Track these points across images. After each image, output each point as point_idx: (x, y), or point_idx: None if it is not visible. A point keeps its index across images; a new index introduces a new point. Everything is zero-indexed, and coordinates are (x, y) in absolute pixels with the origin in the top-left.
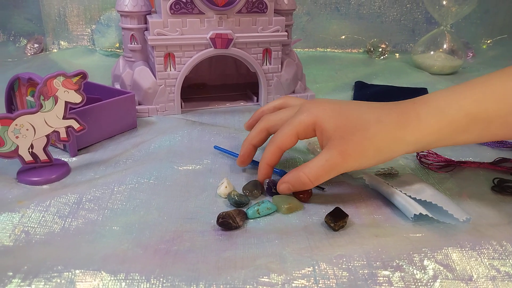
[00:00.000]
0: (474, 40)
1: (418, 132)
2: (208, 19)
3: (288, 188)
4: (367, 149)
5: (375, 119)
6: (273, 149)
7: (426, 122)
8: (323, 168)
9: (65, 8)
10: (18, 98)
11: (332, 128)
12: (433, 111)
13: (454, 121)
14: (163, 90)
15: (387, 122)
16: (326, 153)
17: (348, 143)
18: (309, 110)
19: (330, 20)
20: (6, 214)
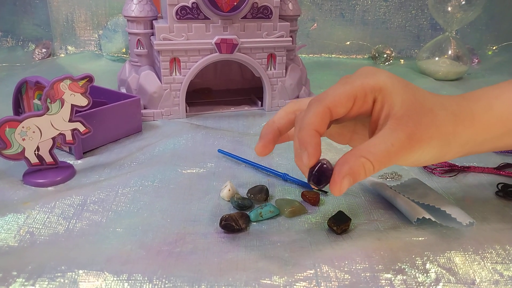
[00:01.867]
0: (479, 46)
1: (471, 130)
2: (214, 25)
3: (350, 183)
4: (434, 138)
5: (440, 104)
6: (322, 110)
7: (478, 120)
8: (389, 153)
9: (73, 13)
10: (25, 101)
11: (400, 102)
12: (483, 106)
13: (504, 119)
14: (168, 94)
15: (450, 110)
16: (391, 135)
17: (417, 126)
18: (373, 74)
19: (335, 26)
20: (12, 215)
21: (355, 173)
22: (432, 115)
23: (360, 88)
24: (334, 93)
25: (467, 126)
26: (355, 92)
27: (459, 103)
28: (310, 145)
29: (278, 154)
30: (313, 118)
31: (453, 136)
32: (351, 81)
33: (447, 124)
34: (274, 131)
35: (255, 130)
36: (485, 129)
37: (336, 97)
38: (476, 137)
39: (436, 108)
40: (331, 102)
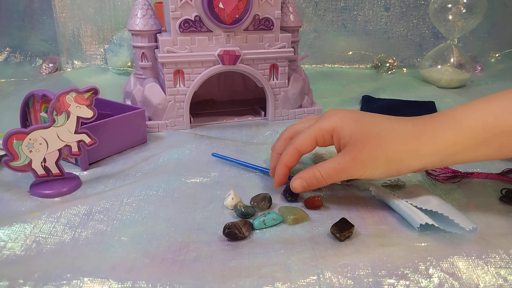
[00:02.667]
0: (482, 53)
1: (433, 144)
2: (216, 37)
3: (302, 184)
4: (379, 158)
5: (390, 128)
6: (291, 151)
7: (442, 134)
8: (335, 169)
9: (79, 29)
10: (32, 114)
11: (348, 135)
12: (450, 122)
13: (471, 133)
14: (172, 106)
15: (402, 132)
16: (340, 157)
17: (361, 150)
18: (329, 117)
19: (337, 36)
20: (19, 225)
21: (307, 178)
22: (378, 139)
23: (318, 130)
24: (301, 137)
25: (426, 143)
26: (315, 135)
27: (421, 123)
28: (278, 175)
29: None
30: (285, 157)
31: (406, 154)
32: (313, 125)
33: (395, 145)
34: (282, 167)
35: (258, 140)
36: (453, 144)
37: (301, 140)
38: (444, 150)
39: (384, 133)
40: (298, 145)
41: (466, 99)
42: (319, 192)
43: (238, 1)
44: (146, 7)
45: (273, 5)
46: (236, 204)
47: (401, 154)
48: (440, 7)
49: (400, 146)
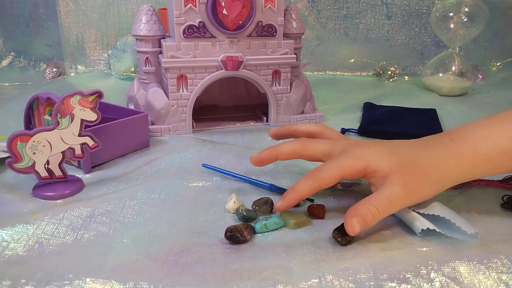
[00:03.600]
0: (483, 62)
1: (458, 171)
2: (220, 43)
3: (359, 223)
4: (425, 184)
5: (423, 157)
6: (314, 186)
7: (465, 162)
8: (389, 199)
9: (83, 34)
10: (36, 117)
11: (387, 167)
12: (470, 148)
13: (490, 158)
14: (175, 111)
15: (435, 163)
16: (389, 187)
17: (409, 178)
18: (359, 155)
19: (339, 44)
20: (22, 226)
21: (362, 215)
22: (419, 169)
23: (348, 169)
24: (327, 174)
25: (454, 169)
26: (343, 173)
27: (445, 148)
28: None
29: (283, 168)
30: (304, 190)
31: (442, 179)
32: (340, 163)
33: (432, 173)
34: (273, 157)
35: (260, 145)
36: (471, 167)
37: (327, 177)
38: (464, 174)
39: (420, 161)
40: (322, 181)
41: (468, 107)
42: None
43: (241, 8)
44: (150, 13)
45: (276, 12)
46: (238, 208)
47: (440, 179)
48: (441, 16)
49: (437, 174)
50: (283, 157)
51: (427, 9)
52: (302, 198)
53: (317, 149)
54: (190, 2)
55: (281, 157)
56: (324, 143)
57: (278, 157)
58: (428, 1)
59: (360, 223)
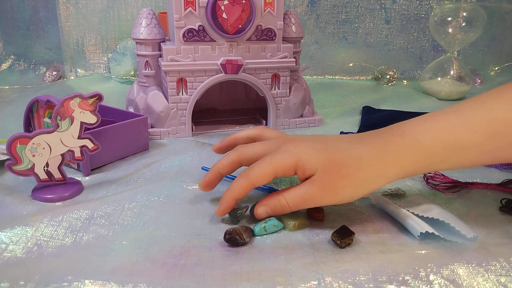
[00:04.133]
0: (482, 66)
1: (397, 166)
2: (219, 46)
3: (267, 212)
4: (347, 186)
5: (356, 156)
6: (246, 185)
7: (404, 156)
8: (303, 198)
9: (83, 37)
10: (36, 119)
11: (314, 166)
12: (411, 143)
13: (431, 152)
14: (175, 114)
15: (369, 159)
16: (308, 186)
17: (331, 181)
18: (290, 150)
19: (338, 48)
20: (20, 228)
21: (272, 205)
22: (345, 169)
23: (279, 165)
24: (258, 171)
25: (391, 165)
26: (274, 170)
27: (383, 145)
28: (224, 206)
29: None
30: (236, 189)
31: (373, 178)
32: (272, 159)
33: (362, 172)
34: (217, 176)
35: None
36: (412, 163)
37: (259, 176)
38: (404, 170)
39: (350, 161)
40: (255, 179)
41: None
42: None
43: (241, 12)
44: (150, 17)
45: (275, 16)
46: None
47: (369, 179)
48: (440, 20)
49: (367, 173)
50: (225, 170)
51: (426, 13)
52: (237, 198)
53: (254, 152)
54: (190, 6)
55: (223, 172)
56: (260, 144)
57: (221, 173)
58: (427, 6)
59: (267, 212)
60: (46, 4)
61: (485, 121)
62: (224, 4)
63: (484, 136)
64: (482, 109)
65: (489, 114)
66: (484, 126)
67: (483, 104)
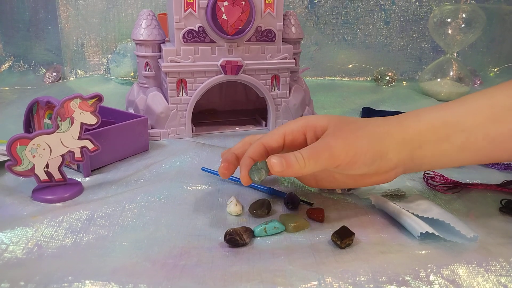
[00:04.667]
0: (481, 68)
1: (401, 131)
2: (219, 47)
3: (281, 162)
4: (361, 137)
5: (361, 120)
6: (257, 144)
7: (406, 124)
8: (317, 149)
9: (83, 39)
10: (36, 120)
11: (326, 123)
12: (413, 117)
13: (432, 126)
14: (175, 115)
15: (374, 121)
16: (322, 138)
17: (344, 130)
18: (300, 118)
19: (338, 49)
20: (21, 229)
21: (286, 157)
22: (356, 124)
23: (287, 126)
24: (268, 134)
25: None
26: (283, 130)
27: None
28: (243, 164)
29: None
30: (251, 150)
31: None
32: (283, 125)
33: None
34: (233, 156)
35: None
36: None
37: (269, 135)
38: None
39: (358, 121)
40: (265, 140)
41: None
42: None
43: (241, 13)
44: (150, 18)
45: (275, 17)
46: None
47: (379, 134)
48: (439, 22)
49: (376, 129)
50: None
51: (425, 15)
52: (251, 156)
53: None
54: (190, 7)
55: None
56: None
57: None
58: (426, 7)
59: (281, 163)
60: (46, 5)
61: (485, 105)
62: (224, 5)
63: (486, 119)
64: (483, 97)
65: (490, 100)
66: (484, 109)
67: (484, 93)
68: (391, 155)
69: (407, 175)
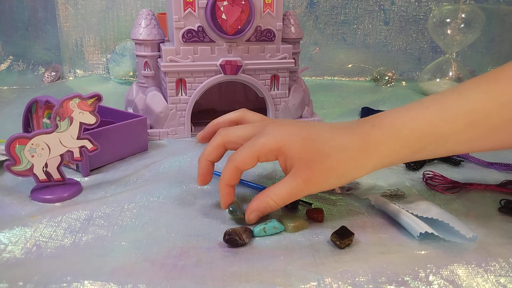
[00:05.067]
0: (480, 68)
1: (376, 156)
2: (219, 47)
3: (257, 216)
4: (331, 177)
5: (339, 146)
6: (232, 169)
7: (384, 146)
8: (289, 194)
9: (82, 38)
10: (35, 120)
11: (297, 156)
12: (390, 134)
13: (410, 142)
14: (174, 114)
15: (351, 149)
16: (292, 181)
17: (313, 172)
18: (273, 134)
19: (337, 49)
20: (19, 229)
21: (261, 208)
22: (329, 160)
23: (261, 148)
24: (241, 155)
25: (371, 155)
26: (257, 154)
27: (366, 134)
28: (223, 196)
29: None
30: (225, 176)
31: (355, 169)
32: (254, 143)
33: (345, 163)
34: (207, 164)
35: None
36: (391, 153)
37: (242, 159)
38: (381, 161)
39: (334, 152)
40: (239, 162)
41: None
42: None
43: (240, 13)
44: (150, 17)
45: (274, 17)
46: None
47: (351, 170)
48: (438, 22)
49: (350, 164)
50: (212, 156)
51: (424, 15)
52: (228, 183)
53: (237, 135)
54: (189, 7)
55: (211, 158)
56: (243, 127)
57: (210, 160)
58: (425, 7)
59: (258, 215)
60: (45, 5)
61: (463, 111)
62: (224, 5)
63: (461, 126)
64: (460, 99)
65: (467, 104)
66: (462, 116)
67: (461, 94)
68: (358, 178)
69: (406, 175)
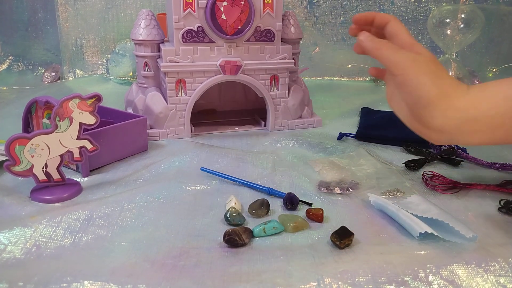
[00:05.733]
0: (480, 68)
1: (466, 98)
2: (218, 47)
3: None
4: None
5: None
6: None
7: (472, 92)
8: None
9: (82, 39)
10: (34, 120)
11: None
12: (480, 88)
13: (492, 100)
14: (174, 115)
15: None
16: None
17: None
18: None
19: (337, 50)
20: (19, 229)
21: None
22: None
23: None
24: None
25: (462, 95)
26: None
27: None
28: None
29: (281, 171)
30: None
31: (451, 92)
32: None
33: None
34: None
35: (258, 149)
36: (477, 103)
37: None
38: (470, 107)
39: None
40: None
41: None
42: (317, 203)
43: (240, 13)
44: (149, 18)
45: (274, 18)
46: (228, 210)
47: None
48: (438, 22)
49: (451, 89)
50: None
51: (424, 15)
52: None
53: None
54: (189, 7)
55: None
56: None
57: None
58: (425, 8)
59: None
60: (44, 5)
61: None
62: (223, 5)
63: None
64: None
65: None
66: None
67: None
68: (450, 116)
69: (406, 175)
